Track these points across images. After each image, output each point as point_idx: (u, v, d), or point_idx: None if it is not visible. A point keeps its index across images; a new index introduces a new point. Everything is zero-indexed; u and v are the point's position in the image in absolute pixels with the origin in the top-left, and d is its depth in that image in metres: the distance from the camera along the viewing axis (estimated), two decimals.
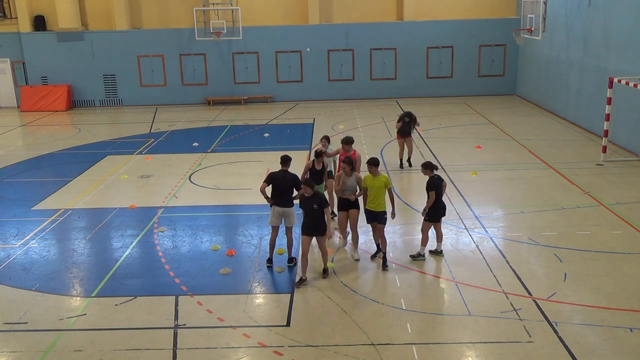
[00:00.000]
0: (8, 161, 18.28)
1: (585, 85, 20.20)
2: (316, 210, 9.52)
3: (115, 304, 9.27)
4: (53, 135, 22.21)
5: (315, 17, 27.25)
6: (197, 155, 18.46)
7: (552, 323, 8.35)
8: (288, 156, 10.57)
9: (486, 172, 15.71)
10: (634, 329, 8.15)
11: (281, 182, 10.23)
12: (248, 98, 27.83)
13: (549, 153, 17.35)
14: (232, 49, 27.56)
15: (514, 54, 27.38)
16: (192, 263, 10.72)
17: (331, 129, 21.53)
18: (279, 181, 10.23)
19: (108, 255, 11.24)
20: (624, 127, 17.30)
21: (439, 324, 8.47)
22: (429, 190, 10.27)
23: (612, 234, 11.41)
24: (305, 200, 9.62)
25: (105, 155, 18.76)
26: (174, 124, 23.53)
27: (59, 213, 13.52)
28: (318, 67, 27.74)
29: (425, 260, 10.48)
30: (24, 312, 9.11)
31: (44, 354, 8.00)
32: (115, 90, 28.15)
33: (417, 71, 27.74)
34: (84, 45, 27.48)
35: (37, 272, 10.50)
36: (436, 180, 10.28)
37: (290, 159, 10.60)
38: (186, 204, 14.03)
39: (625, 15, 17.31)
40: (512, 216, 12.61)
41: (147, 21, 28.12)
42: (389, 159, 17.13)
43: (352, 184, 10.46)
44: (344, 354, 7.78)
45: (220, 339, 8.26)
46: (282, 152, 11.21)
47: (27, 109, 27.36)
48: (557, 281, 9.60)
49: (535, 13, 21.80)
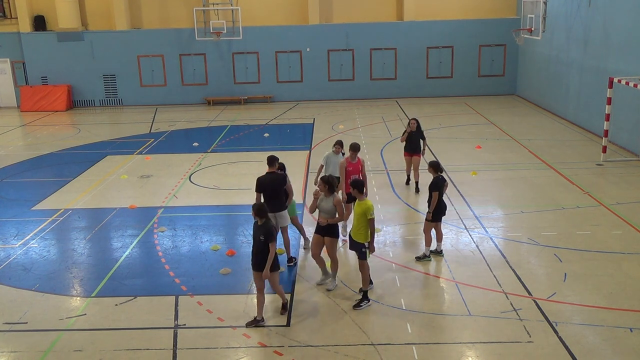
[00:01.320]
0: (8, 161, 18.28)
1: (585, 85, 20.20)
2: (262, 242, 8.26)
3: (115, 304, 9.27)
4: (53, 135, 22.21)
5: (315, 17, 27.25)
6: (197, 155, 18.46)
7: (552, 323, 8.35)
8: (274, 156, 10.08)
9: (486, 172, 15.71)
10: (634, 329, 8.14)
11: (270, 185, 9.90)
12: (248, 98, 27.84)
13: (549, 153, 17.35)
14: (232, 49, 27.57)
15: (514, 54, 27.39)
16: (192, 263, 10.72)
17: (331, 129, 21.54)
18: (268, 185, 9.90)
19: (108, 255, 11.24)
20: (624, 127, 17.30)
21: (439, 324, 8.47)
22: (433, 190, 10.25)
23: (612, 234, 11.40)
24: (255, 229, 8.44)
25: (105, 155, 18.76)
26: (174, 124, 23.53)
27: (59, 213, 13.52)
28: (318, 67, 27.75)
29: (426, 260, 10.47)
30: (24, 312, 9.11)
31: (44, 354, 8.00)
32: (115, 90, 28.15)
33: (417, 71, 27.75)
34: (84, 45, 27.49)
35: (37, 272, 10.49)
36: (439, 181, 10.26)
37: (277, 158, 10.10)
38: (186, 204, 14.03)
39: (625, 15, 17.31)
40: (512, 216, 12.60)
41: (147, 21, 28.12)
42: (389, 159, 17.14)
43: (329, 207, 9.10)
44: (344, 354, 7.77)
45: (220, 339, 8.25)
46: (282, 152, 11.19)
47: (27, 109, 27.36)
48: (557, 281, 9.60)
49: (535, 13, 21.81)
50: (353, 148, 11.24)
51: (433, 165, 10.45)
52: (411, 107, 25.41)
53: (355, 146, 11.27)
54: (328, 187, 9.09)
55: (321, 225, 9.16)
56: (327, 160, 11.60)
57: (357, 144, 11.36)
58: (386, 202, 13.58)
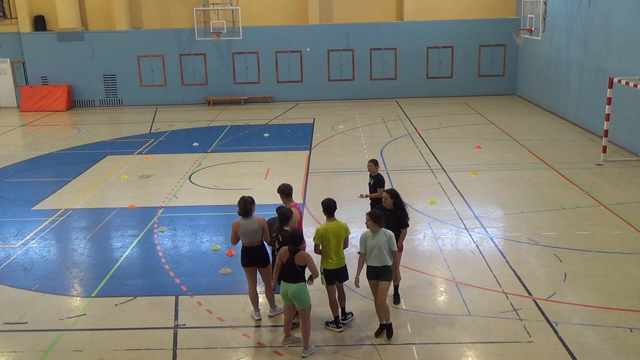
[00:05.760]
0: (8, 161, 18.28)
1: (585, 85, 20.20)
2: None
3: (115, 304, 9.27)
4: (53, 135, 22.21)
5: (315, 17, 27.25)
6: (197, 155, 18.46)
7: (552, 323, 8.35)
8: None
9: (486, 172, 15.71)
10: (634, 329, 8.15)
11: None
12: (248, 98, 27.84)
13: (549, 153, 17.35)
14: (232, 49, 27.56)
15: (514, 54, 27.39)
16: (192, 263, 10.72)
17: (331, 129, 21.54)
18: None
19: (108, 255, 11.24)
20: (624, 127, 17.30)
21: (439, 324, 8.46)
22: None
23: (612, 234, 11.40)
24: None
25: (105, 155, 18.76)
26: (174, 124, 23.53)
27: (59, 213, 13.52)
28: (318, 67, 27.75)
29: (426, 261, 10.47)
30: (24, 312, 9.11)
31: (44, 354, 8.00)
32: (115, 90, 28.15)
33: (417, 71, 27.74)
34: (84, 45, 27.49)
35: (37, 272, 10.49)
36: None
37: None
38: (186, 204, 14.03)
39: (625, 15, 17.30)
40: (512, 216, 12.60)
41: (147, 21, 28.12)
42: (389, 158, 17.14)
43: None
44: (344, 354, 7.77)
45: (220, 339, 8.25)
46: (282, 152, 11.10)
47: (27, 109, 27.36)
48: (557, 281, 9.60)
49: (535, 13, 21.82)
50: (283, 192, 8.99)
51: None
52: (411, 107, 25.41)
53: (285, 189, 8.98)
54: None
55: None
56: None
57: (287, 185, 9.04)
58: None
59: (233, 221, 8.49)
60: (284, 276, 7.73)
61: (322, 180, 15.33)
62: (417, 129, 21.03)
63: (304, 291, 7.68)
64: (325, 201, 8.35)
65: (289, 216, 8.15)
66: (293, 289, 7.63)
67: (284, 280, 7.74)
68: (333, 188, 14.68)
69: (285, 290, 7.70)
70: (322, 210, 8.37)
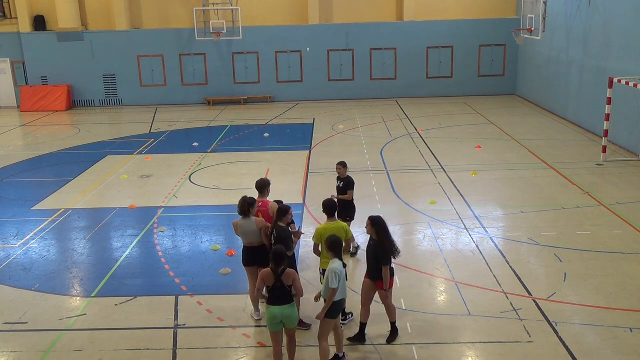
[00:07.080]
0: (8, 161, 18.28)
1: (585, 85, 20.20)
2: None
3: (115, 304, 9.26)
4: (53, 135, 22.20)
5: (315, 17, 27.25)
6: (197, 155, 18.45)
7: (552, 323, 8.35)
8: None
9: (486, 172, 15.71)
10: (634, 329, 8.14)
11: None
12: (248, 98, 27.83)
13: (549, 153, 17.34)
14: (232, 49, 27.56)
15: (514, 54, 27.38)
16: (192, 263, 10.72)
17: (331, 129, 21.54)
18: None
19: (108, 255, 11.24)
20: (624, 127, 17.30)
21: (439, 324, 8.46)
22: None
23: (612, 234, 11.40)
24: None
25: (105, 155, 18.76)
26: (174, 124, 23.53)
27: (59, 213, 13.52)
28: (318, 67, 27.74)
29: (426, 261, 10.47)
30: (24, 312, 9.11)
31: (44, 354, 8.00)
32: (115, 90, 28.15)
33: (417, 71, 27.74)
34: (84, 45, 27.49)
35: (37, 272, 10.49)
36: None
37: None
38: (186, 204, 14.02)
39: (625, 15, 17.30)
40: (512, 216, 12.60)
41: (147, 21, 28.12)
42: (389, 158, 17.14)
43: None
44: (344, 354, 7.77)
45: (220, 339, 8.25)
46: (282, 152, 11.09)
47: (27, 109, 27.35)
48: (557, 281, 9.60)
49: (535, 13, 21.82)
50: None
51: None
52: (411, 107, 25.41)
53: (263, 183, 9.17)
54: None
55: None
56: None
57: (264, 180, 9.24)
58: (386, 202, 13.58)
59: (233, 221, 8.53)
60: (275, 300, 7.00)
61: (322, 180, 15.33)
62: (417, 129, 21.03)
63: (295, 310, 7.19)
64: (326, 201, 8.40)
65: (285, 211, 8.15)
66: (288, 311, 7.04)
67: (275, 304, 7.01)
68: (333, 188, 14.63)
69: (278, 314, 7.00)
70: (323, 210, 8.42)
